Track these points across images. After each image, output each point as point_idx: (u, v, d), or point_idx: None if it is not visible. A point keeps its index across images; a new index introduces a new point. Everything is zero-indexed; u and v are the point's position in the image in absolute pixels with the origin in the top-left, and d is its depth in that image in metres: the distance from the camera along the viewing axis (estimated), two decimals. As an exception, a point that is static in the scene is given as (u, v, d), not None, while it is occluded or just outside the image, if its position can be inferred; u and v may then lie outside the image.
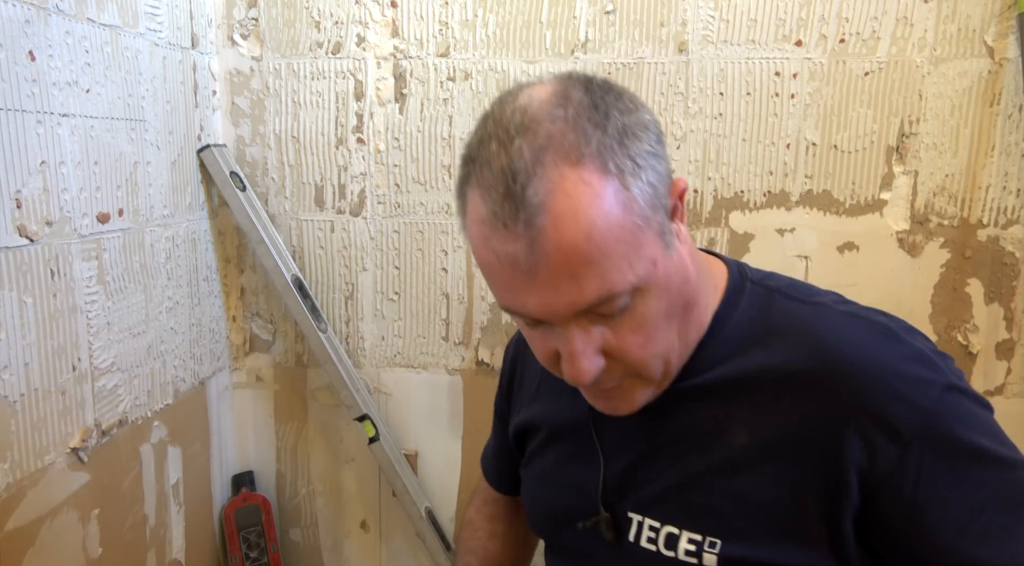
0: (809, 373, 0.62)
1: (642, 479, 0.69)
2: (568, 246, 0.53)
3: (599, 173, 0.54)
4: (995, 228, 1.46)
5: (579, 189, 0.53)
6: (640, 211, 0.55)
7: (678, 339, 0.63)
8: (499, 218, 0.54)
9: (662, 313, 0.60)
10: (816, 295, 0.69)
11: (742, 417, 0.64)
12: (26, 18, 1.01)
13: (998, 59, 1.41)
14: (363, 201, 1.58)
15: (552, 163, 0.54)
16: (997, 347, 1.49)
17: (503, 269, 0.56)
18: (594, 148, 0.54)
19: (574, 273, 0.54)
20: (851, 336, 0.63)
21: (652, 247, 0.57)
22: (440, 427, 1.65)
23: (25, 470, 1.04)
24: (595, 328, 0.58)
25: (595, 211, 0.53)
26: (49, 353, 1.08)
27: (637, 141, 0.57)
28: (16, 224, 1.01)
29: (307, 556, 1.72)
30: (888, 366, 0.61)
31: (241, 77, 1.57)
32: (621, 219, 0.54)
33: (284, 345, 1.66)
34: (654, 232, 0.57)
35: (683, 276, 0.61)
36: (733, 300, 0.68)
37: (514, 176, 0.54)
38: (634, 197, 0.55)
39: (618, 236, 0.54)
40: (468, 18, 1.50)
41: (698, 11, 1.45)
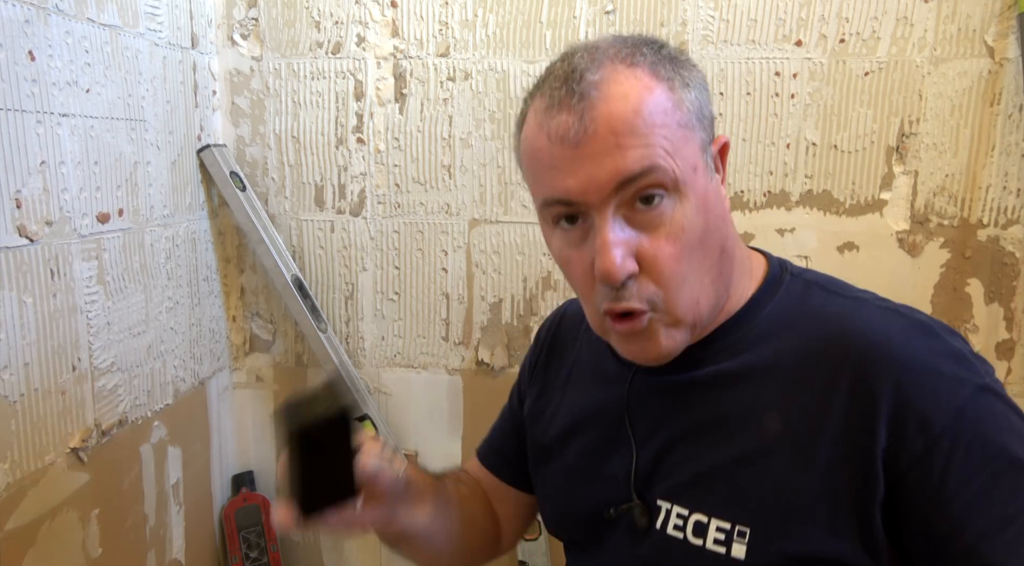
0: (844, 363, 0.62)
1: (672, 465, 0.68)
2: (616, 117, 0.58)
3: (651, 75, 0.60)
4: (995, 228, 1.46)
5: (631, 80, 0.59)
6: (687, 113, 0.60)
7: (711, 286, 0.64)
8: (555, 100, 0.60)
9: (697, 232, 0.61)
10: (855, 291, 0.69)
11: (774, 403, 0.64)
12: (26, 18, 1.01)
13: (998, 59, 1.41)
14: (363, 201, 1.58)
15: (609, 62, 0.60)
16: (997, 347, 1.49)
17: (551, 147, 0.60)
18: (648, 60, 0.61)
19: (619, 142, 0.58)
20: (888, 328, 0.63)
21: (695, 154, 0.61)
22: (440, 427, 1.65)
23: (25, 470, 1.04)
24: (631, 229, 0.60)
25: (644, 94, 0.59)
26: (49, 353, 1.08)
27: (688, 70, 0.63)
28: (16, 224, 1.01)
29: (307, 556, 1.72)
30: (924, 360, 0.61)
31: (241, 77, 1.57)
32: (668, 108, 0.59)
33: (284, 345, 1.66)
34: (698, 142, 0.61)
35: (721, 214, 0.63)
36: (770, 289, 0.69)
37: (573, 70, 0.60)
38: (682, 99, 0.60)
39: (664, 121, 0.59)
40: (468, 18, 1.50)
41: (698, 11, 1.45)
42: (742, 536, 0.62)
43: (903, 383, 0.59)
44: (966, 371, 0.60)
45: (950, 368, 0.60)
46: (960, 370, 0.60)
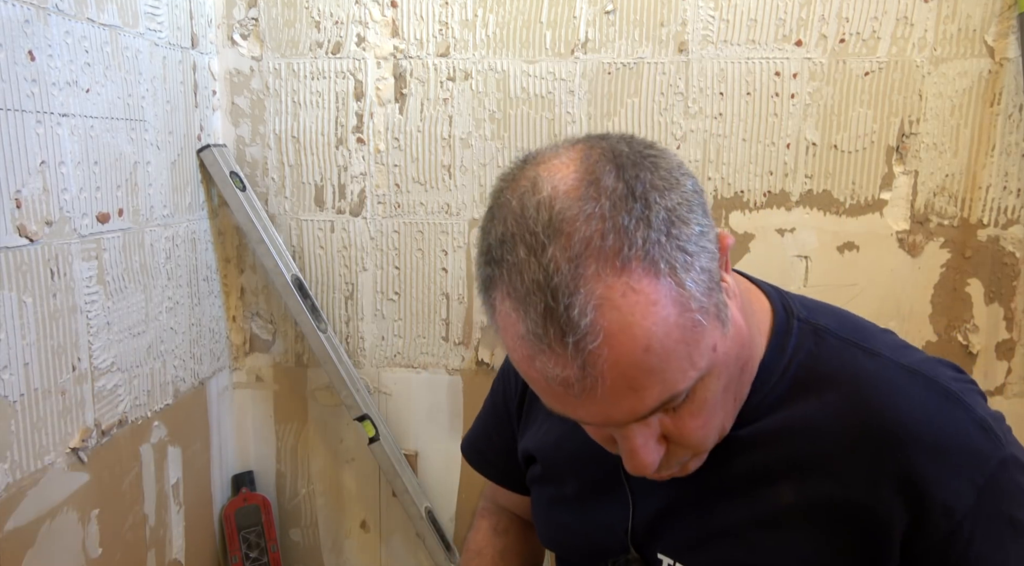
0: (862, 435, 0.59)
1: (678, 523, 0.66)
2: (625, 363, 0.49)
3: (649, 276, 0.48)
4: (995, 228, 1.46)
5: (629, 300, 0.48)
6: (698, 304, 0.50)
7: (734, 403, 0.61)
8: (543, 341, 0.50)
9: (721, 390, 0.57)
10: (870, 339, 0.64)
11: (788, 471, 0.61)
12: (26, 18, 1.01)
13: (998, 59, 1.41)
14: (363, 201, 1.58)
15: (595, 275, 0.48)
16: (997, 347, 1.49)
17: (553, 389, 0.52)
18: (639, 248, 0.48)
19: (633, 385, 0.50)
20: (909, 398, 0.60)
21: (712, 335, 0.52)
22: (440, 427, 1.65)
23: (25, 470, 1.04)
24: (654, 419, 0.55)
25: (650, 320, 0.48)
26: (49, 353, 1.08)
27: (685, 225, 0.51)
28: (16, 224, 1.01)
29: (307, 556, 1.72)
30: (946, 437, 0.58)
31: (241, 77, 1.57)
32: (679, 320, 0.49)
33: (284, 345, 1.66)
34: (712, 318, 0.52)
35: (740, 344, 0.57)
36: (780, 343, 0.64)
37: (553, 293, 0.48)
38: (690, 293, 0.50)
39: (678, 338, 0.50)
40: (468, 18, 1.50)
41: (698, 11, 1.45)
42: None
43: (924, 464, 0.58)
44: (989, 444, 0.58)
45: (974, 443, 0.58)
46: (984, 443, 0.58)
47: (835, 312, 0.68)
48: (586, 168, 0.52)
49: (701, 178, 1.50)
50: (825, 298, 1.58)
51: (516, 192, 0.53)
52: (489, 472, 0.93)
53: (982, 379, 1.49)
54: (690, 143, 1.49)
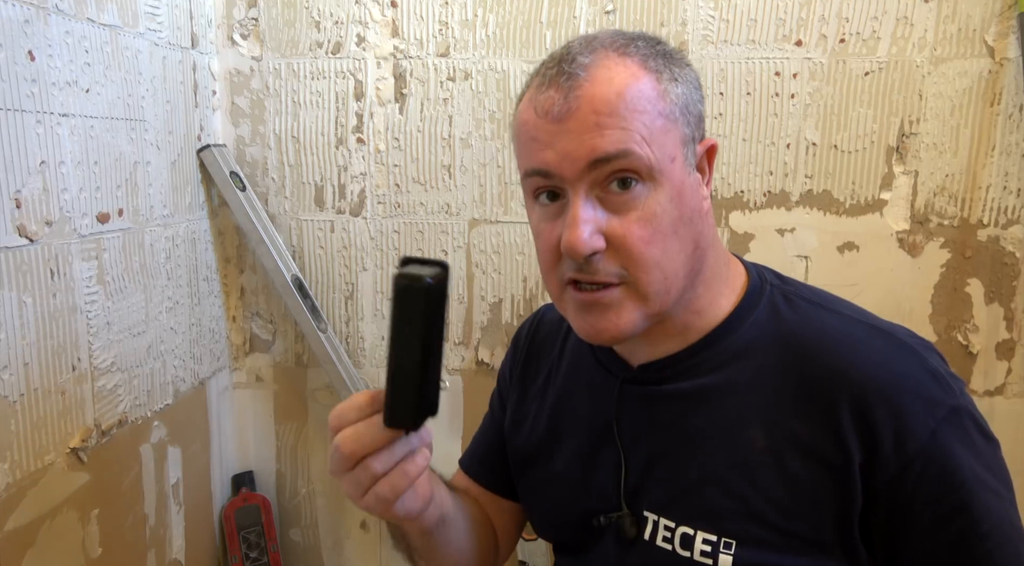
0: (824, 380, 0.63)
1: (658, 477, 0.69)
2: (598, 97, 0.59)
3: (640, 65, 0.62)
4: (995, 228, 1.46)
5: (619, 66, 0.61)
6: (670, 105, 0.61)
7: (682, 276, 0.64)
8: (547, 78, 0.62)
9: (670, 221, 0.62)
10: (835, 303, 0.70)
11: (759, 418, 0.65)
12: (26, 18, 1.01)
13: (998, 59, 1.41)
14: (363, 201, 1.58)
15: (602, 49, 0.62)
16: (997, 347, 1.49)
17: (537, 120, 0.62)
18: (641, 51, 0.62)
19: (599, 121, 0.59)
20: (869, 347, 0.64)
21: (674, 146, 0.62)
22: (440, 427, 1.65)
23: (25, 470, 1.04)
24: (603, 210, 0.61)
25: (629, 80, 0.60)
26: (49, 353, 1.08)
27: (681, 67, 0.64)
28: (16, 224, 1.01)
29: (307, 556, 1.72)
30: (903, 379, 0.62)
31: (241, 77, 1.57)
32: (651, 97, 0.61)
33: (284, 345, 1.66)
34: (679, 135, 0.62)
35: (697, 209, 0.64)
36: (751, 301, 0.70)
37: (568, 53, 0.63)
38: (667, 91, 0.62)
39: (645, 108, 0.60)
40: (468, 18, 1.50)
41: (698, 11, 1.45)
42: (728, 548, 0.63)
43: (880, 402, 0.61)
44: (941, 392, 0.62)
45: (927, 389, 0.62)
46: (936, 391, 0.62)
47: (808, 285, 0.73)
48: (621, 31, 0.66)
49: (701, 178, 1.50)
50: (825, 298, 1.57)
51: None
52: (483, 476, 0.93)
53: (982, 379, 1.49)
54: (690, 143, 1.49)
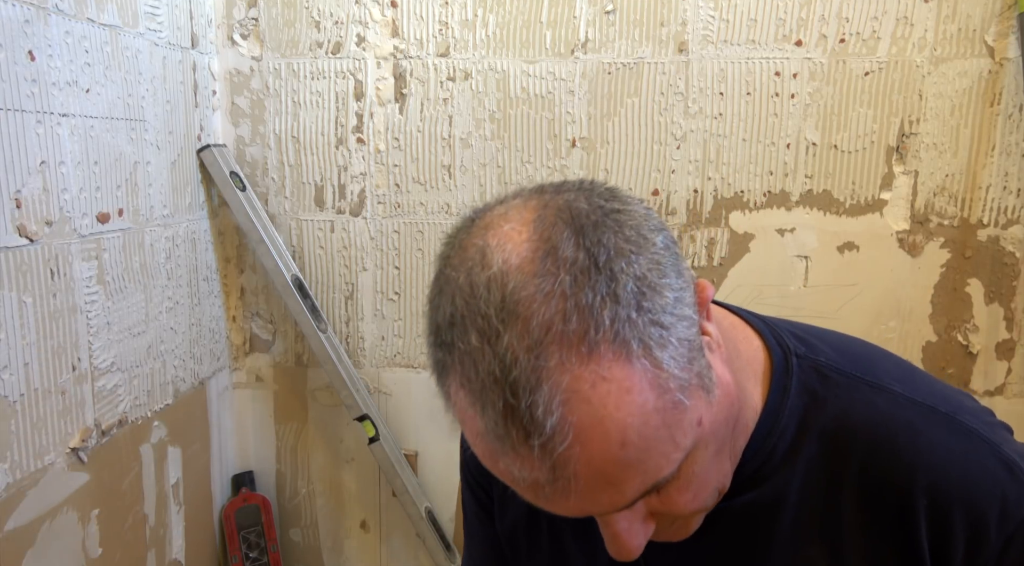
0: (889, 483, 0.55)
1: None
2: (600, 460, 0.43)
3: (620, 360, 0.42)
4: (995, 228, 1.46)
5: (600, 390, 0.42)
6: (678, 383, 0.44)
7: (730, 462, 0.54)
8: (505, 442, 0.44)
9: (711, 458, 0.50)
10: (876, 371, 0.59)
11: (817, 533, 0.57)
12: (26, 18, 1.01)
13: (998, 59, 1.41)
14: (363, 201, 1.58)
15: (559, 365, 0.42)
16: (997, 347, 1.49)
17: (523, 489, 0.47)
18: (607, 329, 0.42)
19: (611, 480, 0.44)
20: (932, 439, 0.55)
21: (696, 409, 0.46)
22: (440, 427, 1.65)
23: (25, 470, 1.04)
24: (638, 503, 0.49)
25: (625, 411, 0.43)
26: (49, 353, 1.08)
27: (658, 295, 0.44)
28: (16, 224, 1.01)
29: (307, 556, 1.72)
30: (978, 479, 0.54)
31: (241, 77, 1.57)
32: (658, 404, 0.44)
33: (284, 345, 1.66)
34: (695, 390, 0.46)
35: (728, 403, 0.50)
36: (782, 385, 0.58)
37: (512, 389, 0.43)
38: (668, 372, 0.44)
39: (658, 425, 0.44)
40: (468, 18, 1.50)
41: (698, 11, 1.45)
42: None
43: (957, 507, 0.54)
44: (1017, 488, 0.54)
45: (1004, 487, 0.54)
46: (1012, 488, 0.54)
47: (831, 341, 0.62)
48: (540, 235, 0.45)
49: (701, 178, 1.50)
50: (825, 298, 1.59)
51: (464, 265, 0.46)
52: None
53: (982, 379, 1.49)
54: (690, 143, 1.49)
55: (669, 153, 1.50)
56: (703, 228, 1.52)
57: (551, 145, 1.53)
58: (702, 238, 1.52)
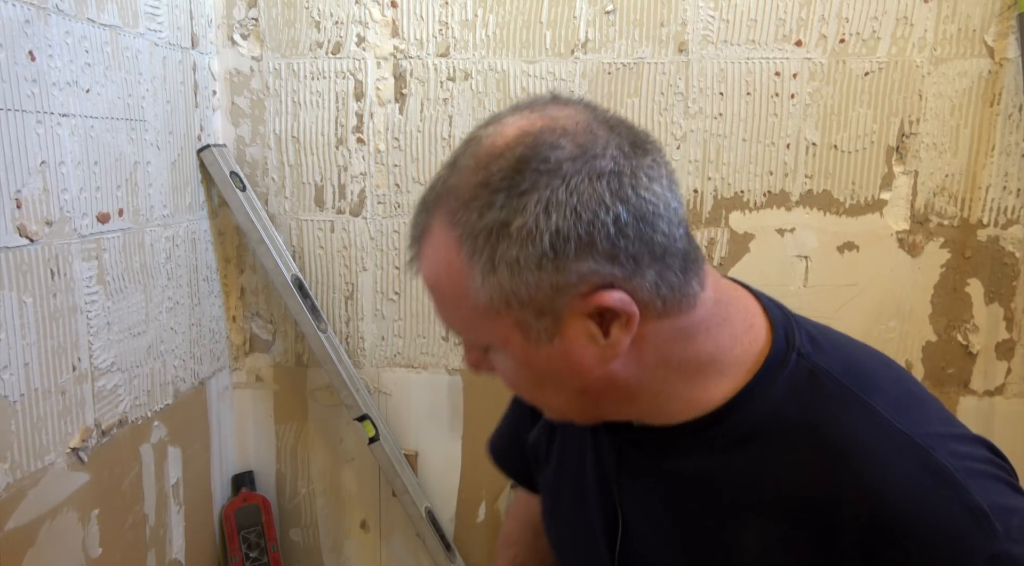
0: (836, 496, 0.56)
1: (650, 550, 0.67)
2: (425, 279, 0.60)
3: (456, 249, 0.56)
4: (995, 228, 1.46)
5: (440, 247, 0.57)
6: (485, 302, 0.56)
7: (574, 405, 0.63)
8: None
9: (526, 380, 0.62)
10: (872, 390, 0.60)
11: (756, 518, 0.60)
12: (26, 18, 1.01)
13: (998, 59, 1.41)
14: (363, 201, 1.58)
15: (443, 206, 0.56)
16: (997, 347, 1.49)
17: None
18: (469, 223, 0.55)
19: (432, 297, 0.61)
20: (898, 469, 0.55)
21: (505, 329, 0.57)
22: (440, 427, 1.65)
23: (25, 470, 1.04)
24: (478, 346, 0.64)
25: (440, 274, 0.58)
26: (49, 353, 1.08)
27: (510, 245, 0.54)
28: (16, 224, 1.01)
29: (307, 556, 1.72)
30: (930, 524, 0.54)
31: (241, 77, 1.57)
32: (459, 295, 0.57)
33: (284, 345, 1.66)
34: (507, 321, 0.57)
35: (567, 368, 0.59)
36: (770, 375, 0.61)
37: (424, 196, 0.59)
38: (478, 291, 0.56)
39: (456, 305, 0.59)
40: (468, 18, 1.50)
41: (698, 11, 1.45)
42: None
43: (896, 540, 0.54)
44: (979, 535, 0.53)
45: (960, 533, 0.53)
46: (974, 534, 0.53)
47: (844, 350, 0.64)
48: (527, 131, 0.55)
49: (701, 178, 1.50)
50: (825, 298, 1.58)
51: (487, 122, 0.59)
52: (507, 467, 0.93)
53: (982, 379, 1.49)
54: (690, 143, 1.49)
55: (669, 153, 1.50)
56: (703, 228, 1.52)
57: (551, 145, 1.52)
58: (702, 238, 1.52)
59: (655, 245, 0.55)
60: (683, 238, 0.58)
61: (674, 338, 0.59)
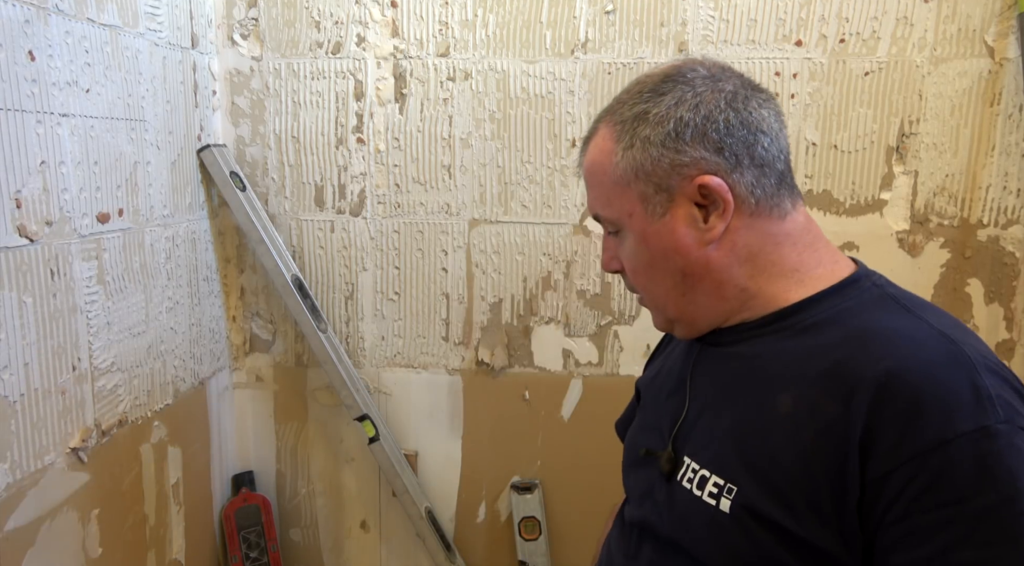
0: (860, 363, 0.63)
1: (702, 426, 0.75)
2: (586, 167, 0.77)
3: (609, 135, 0.74)
4: (995, 228, 1.46)
5: (600, 138, 0.75)
6: (623, 172, 0.72)
7: (672, 294, 0.75)
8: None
9: (643, 260, 0.75)
10: (927, 310, 0.69)
11: (792, 386, 0.67)
12: (26, 18, 1.01)
13: (998, 59, 1.41)
14: (363, 201, 1.58)
15: (609, 113, 0.75)
16: (997, 347, 1.49)
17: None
18: (618, 117, 0.73)
19: (588, 184, 0.78)
20: (920, 346, 0.63)
21: (632, 203, 0.73)
22: (440, 427, 1.65)
23: (25, 470, 1.04)
24: (613, 240, 0.78)
25: (596, 155, 0.75)
26: (49, 353, 1.08)
27: (645, 127, 0.71)
28: (16, 224, 1.01)
29: (307, 556, 1.72)
30: (936, 383, 0.60)
31: (241, 77, 1.57)
32: (606, 168, 0.74)
33: (284, 345, 1.66)
34: (636, 194, 0.72)
35: (673, 246, 0.72)
36: (840, 290, 0.71)
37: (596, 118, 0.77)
38: (620, 161, 0.72)
39: (601, 180, 0.75)
40: (468, 18, 1.50)
41: (698, 11, 1.45)
42: (730, 494, 0.68)
43: (900, 397, 0.60)
44: (977, 408, 0.58)
45: (959, 400, 0.59)
46: (970, 405, 0.58)
47: (919, 299, 0.72)
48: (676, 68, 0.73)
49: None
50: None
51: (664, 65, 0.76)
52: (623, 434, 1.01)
53: (982, 379, 1.49)
54: (690, 143, 1.49)
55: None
56: (703, 228, 1.52)
57: (551, 145, 1.53)
58: (702, 238, 1.52)
59: (755, 153, 0.70)
60: (782, 161, 0.72)
61: (763, 240, 0.71)
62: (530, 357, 1.61)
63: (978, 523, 0.57)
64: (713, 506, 0.68)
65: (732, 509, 0.67)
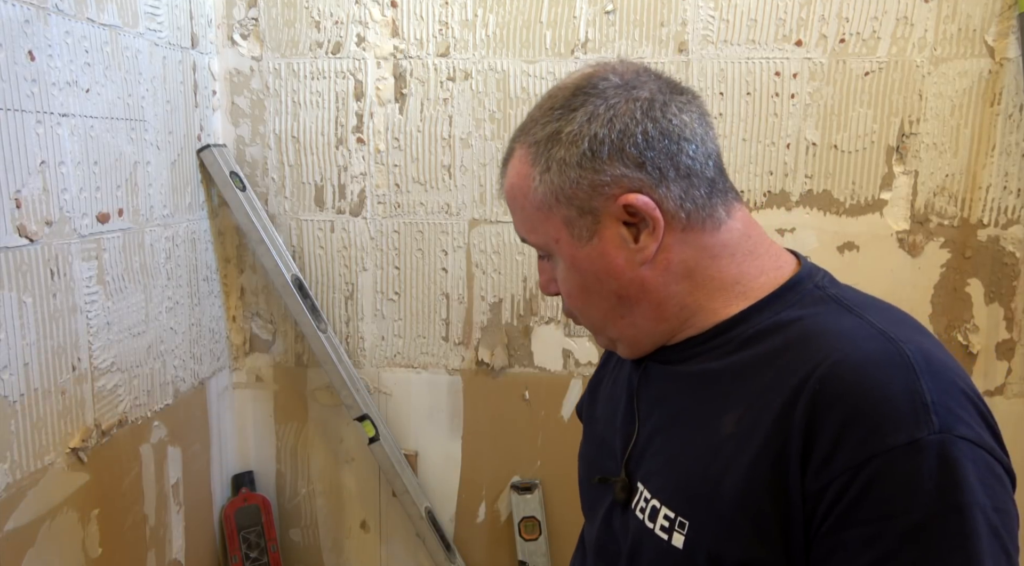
0: (798, 371, 0.61)
1: (653, 451, 0.72)
2: (505, 190, 0.73)
3: (525, 158, 0.70)
4: (995, 228, 1.46)
5: (517, 161, 0.71)
6: (542, 196, 0.69)
7: (609, 317, 0.72)
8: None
9: (576, 285, 0.71)
10: (870, 308, 0.66)
11: (735, 404, 0.65)
12: (26, 18, 1.01)
13: (998, 59, 1.41)
14: (363, 201, 1.58)
15: (524, 134, 0.71)
16: (997, 347, 1.49)
17: None
18: (532, 137, 0.69)
19: (510, 208, 0.74)
20: (858, 349, 0.60)
21: (556, 228, 0.69)
22: (440, 427, 1.65)
23: (25, 470, 1.04)
24: (548, 263, 0.75)
25: (514, 179, 0.71)
26: (49, 353, 1.08)
27: (559, 148, 0.67)
28: (16, 224, 1.01)
29: (307, 556, 1.72)
30: (870, 389, 0.57)
31: (241, 77, 1.57)
32: (525, 193, 0.70)
33: (284, 345, 1.66)
34: (557, 218, 0.69)
35: (604, 270, 0.69)
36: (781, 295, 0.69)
37: (512, 137, 0.73)
38: (538, 186, 0.69)
39: (522, 205, 0.71)
40: (468, 18, 1.50)
41: (698, 11, 1.45)
42: (682, 527, 0.65)
43: (834, 407, 0.58)
44: (912, 418, 0.55)
45: (893, 409, 0.56)
46: (906, 415, 0.56)
47: (864, 296, 0.70)
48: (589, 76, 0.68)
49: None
50: (825, 298, 1.56)
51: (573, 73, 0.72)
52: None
53: (982, 379, 1.49)
54: (690, 143, 1.49)
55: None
56: (703, 228, 1.52)
57: (551, 145, 1.53)
58: (702, 238, 1.52)
59: (680, 163, 0.66)
60: (712, 168, 0.67)
61: (699, 254, 0.68)
62: (530, 357, 1.61)
63: (905, 541, 0.54)
64: (665, 541, 0.66)
65: (685, 545, 0.64)
